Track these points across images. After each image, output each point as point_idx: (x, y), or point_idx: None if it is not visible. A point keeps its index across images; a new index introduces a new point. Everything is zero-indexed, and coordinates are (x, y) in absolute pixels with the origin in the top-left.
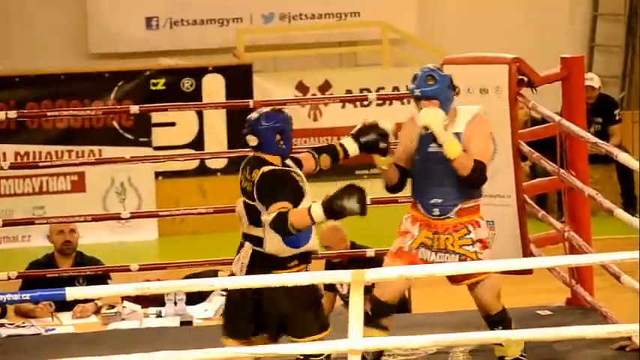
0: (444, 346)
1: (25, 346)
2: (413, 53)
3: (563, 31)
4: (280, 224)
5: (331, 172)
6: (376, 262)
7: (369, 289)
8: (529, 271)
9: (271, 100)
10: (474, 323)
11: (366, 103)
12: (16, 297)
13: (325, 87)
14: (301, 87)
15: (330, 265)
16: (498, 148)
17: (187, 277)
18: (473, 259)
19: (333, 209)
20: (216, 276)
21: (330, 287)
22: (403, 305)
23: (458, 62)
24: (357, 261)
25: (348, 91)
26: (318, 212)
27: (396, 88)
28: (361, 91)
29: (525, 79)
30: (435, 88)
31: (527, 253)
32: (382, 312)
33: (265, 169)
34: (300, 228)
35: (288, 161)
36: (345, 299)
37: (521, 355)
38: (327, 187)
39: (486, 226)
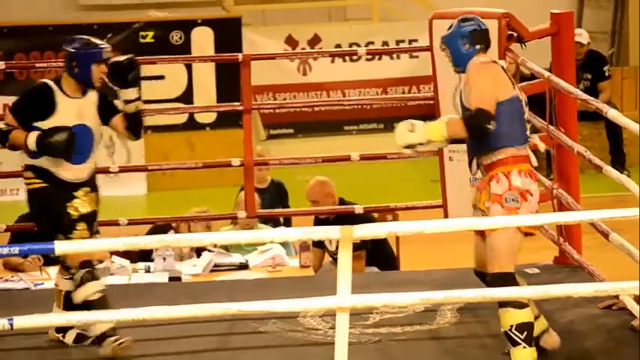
0: (432, 304)
1: (14, 301)
2: (403, 7)
3: None
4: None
5: (320, 127)
6: (364, 218)
7: None
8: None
9: (261, 54)
10: (462, 281)
11: (355, 57)
12: (4, 250)
13: (315, 41)
14: (291, 41)
15: (319, 221)
16: None
17: (149, 232)
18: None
19: (41, 142)
20: (174, 230)
21: (319, 244)
22: (392, 262)
23: (447, 17)
24: (346, 217)
25: (338, 46)
26: (31, 140)
27: (385, 43)
28: (350, 45)
29: (515, 34)
30: (445, 36)
31: None
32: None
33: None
34: (15, 145)
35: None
36: (334, 256)
37: (509, 331)
38: (317, 142)
39: (515, 178)
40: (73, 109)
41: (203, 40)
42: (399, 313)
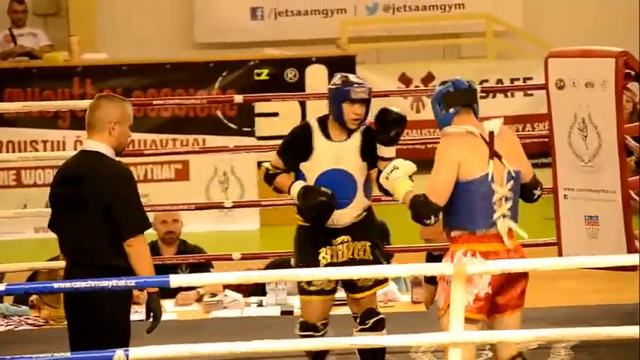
0: (545, 342)
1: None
2: (517, 46)
3: None
4: (266, 179)
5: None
6: None
7: None
8: (633, 268)
9: (374, 91)
10: (576, 319)
11: None
12: (121, 283)
13: (428, 79)
14: (404, 78)
15: (431, 258)
16: (603, 143)
17: (266, 267)
18: None
19: (299, 199)
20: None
21: (431, 280)
22: None
23: (563, 55)
24: None
25: None
26: (294, 192)
27: (500, 81)
28: None
29: (632, 72)
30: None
31: (632, 249)
32: None
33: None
34: (280, 190)
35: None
36: None
37: None
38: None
39: (458, 260)
40: (331, 152)
41: (317, 78)
42: None
